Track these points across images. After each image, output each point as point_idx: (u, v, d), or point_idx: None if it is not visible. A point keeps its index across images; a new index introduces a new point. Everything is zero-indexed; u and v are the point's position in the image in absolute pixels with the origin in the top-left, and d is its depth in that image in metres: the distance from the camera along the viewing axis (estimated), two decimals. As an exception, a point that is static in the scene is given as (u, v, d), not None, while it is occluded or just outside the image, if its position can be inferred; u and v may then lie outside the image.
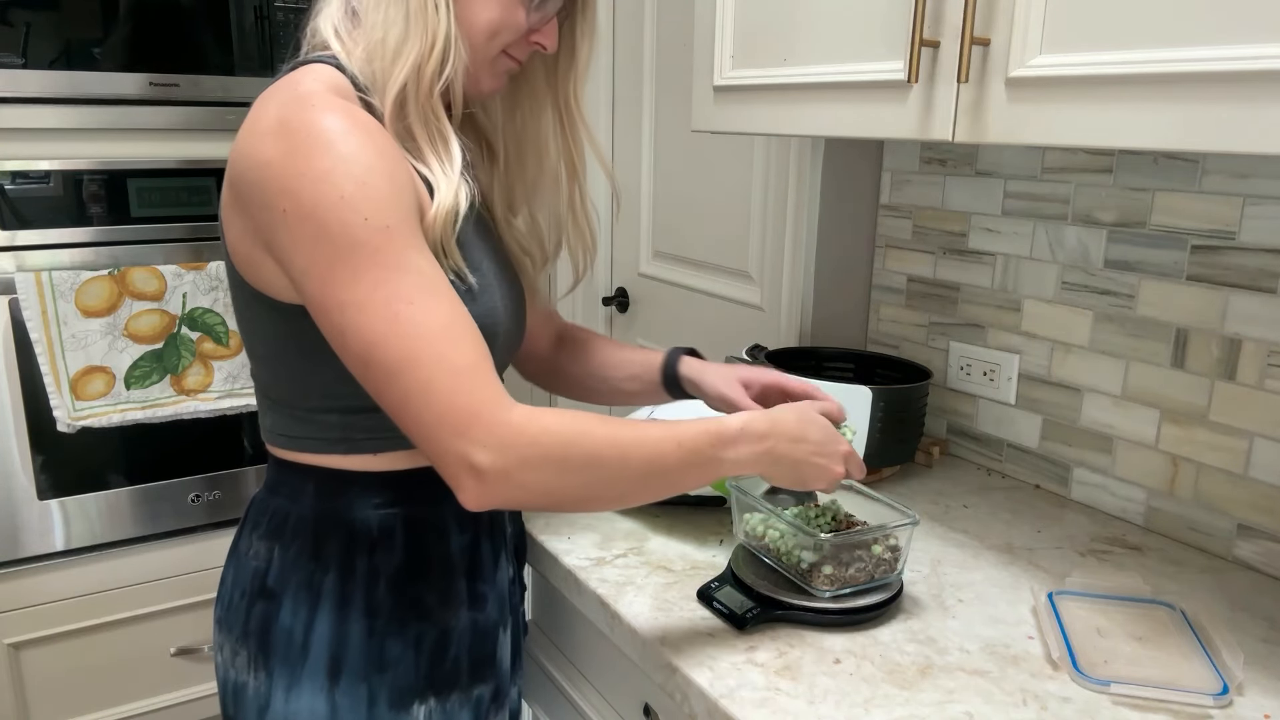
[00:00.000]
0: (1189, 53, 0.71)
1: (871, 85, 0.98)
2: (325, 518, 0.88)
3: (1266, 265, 1.02)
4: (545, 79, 0.96)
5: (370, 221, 0.73)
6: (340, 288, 0.73)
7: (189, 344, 1.72)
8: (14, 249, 1.61)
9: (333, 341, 0.76)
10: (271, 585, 0.88)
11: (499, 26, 0.85)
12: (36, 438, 1.65)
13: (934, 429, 1.43)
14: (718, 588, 0.95)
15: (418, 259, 0.75)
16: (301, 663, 0.86)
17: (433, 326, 0.74)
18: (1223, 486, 1.09)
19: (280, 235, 0.75)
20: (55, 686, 1.76)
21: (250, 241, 0.80)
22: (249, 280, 0.83)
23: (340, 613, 0.87)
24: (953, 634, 0.91)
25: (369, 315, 0.73)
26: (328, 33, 0.85)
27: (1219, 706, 0.80)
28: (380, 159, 0.75)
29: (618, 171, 2.05)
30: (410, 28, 0.80)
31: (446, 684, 0.91)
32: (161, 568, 1.80)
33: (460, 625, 0.92)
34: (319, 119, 0.74)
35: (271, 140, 0.75)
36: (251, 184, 0.76)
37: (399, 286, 0.73)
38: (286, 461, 0.90)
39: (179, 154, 1.72)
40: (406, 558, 0.89)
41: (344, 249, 0.72)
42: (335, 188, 0.72)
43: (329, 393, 0.85)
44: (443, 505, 0.91)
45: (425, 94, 0.81)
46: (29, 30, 1.56)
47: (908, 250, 1.45)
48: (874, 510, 0.98)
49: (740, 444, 0.82)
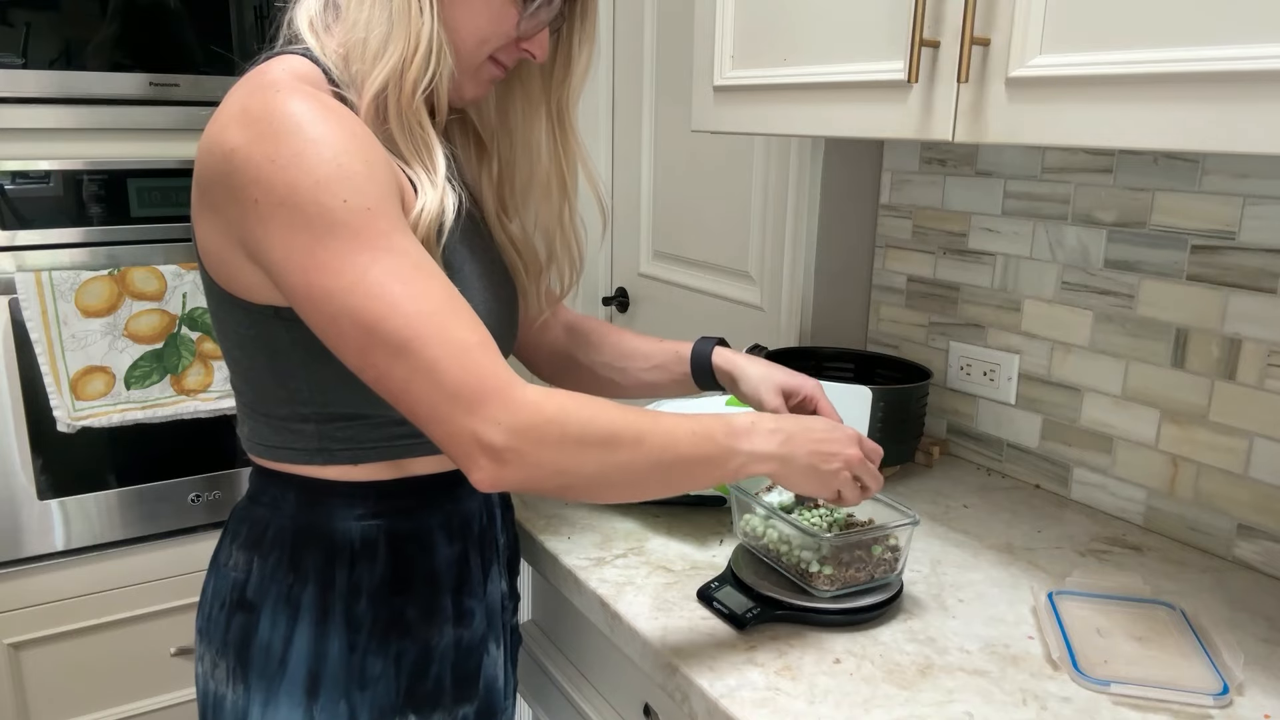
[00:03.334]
0: (1189, 53, 0.71)
1: (871, 85, 0.98)
2: (305, 528, 0.85)
3: (1266, 265, 1.02)
4: (541, 84, 0.93)
5: (350, 203, 0.69)
6: (327, 275, 0.69)
7: (189, 344, 1.72)
8: (14, 249, 1.61)
9: (325, 334, 0.72)
10: (250, 597, 0.85)
11: (488, 33, 0.82)
12: (36, 438, 1.65)
13: (934, 429, 1.43)
14: (718, 588, 0.95)
15: (403, 240, 0.72)
16: (280, 678, 0.84)
17: (434, 304, 0.70)
18: (1223, 486, 1.09)
19: (253, 227, 0.71)
20: (55, 686, 1.76)
21: (220, 240, 0.76)
22: (219, 283, 0.79)
23: (320, 628, 0.84)
24: (953, 634, 0.91)
25: (363, 297, 0.69)
26: (302, 24, 0.81)
27: (1219, 706, 0.80)
28: (353, 140, 0.72)
29: (618, 171, 2.05)
30: (393, 29, 0.76)
31: (428, 703, 0.88)
32: (161, 568, 1.80)
33: (444, 642, 0.89)
34: (285, 103, 0.70)
35: (235, 128, 0.71)
36: (216, 176, 0.72)
37: (390, 266, 0.70)
38: (267, 470, 0.88)
39: (179, 154, 1.72)
40: (389, 571, 0.86)
41: (324, 234, 0.69)
42: (308, 172, 0.69)
43: (302, 400, 0.82)
44: (428, 517, 0.88)
45: (407, 98, 0.77)
46: (29, 30, 1.56)
47: (908, 250, 1.45)
48: (874, 510, 0.98)
49: (754, 434, 0.80)
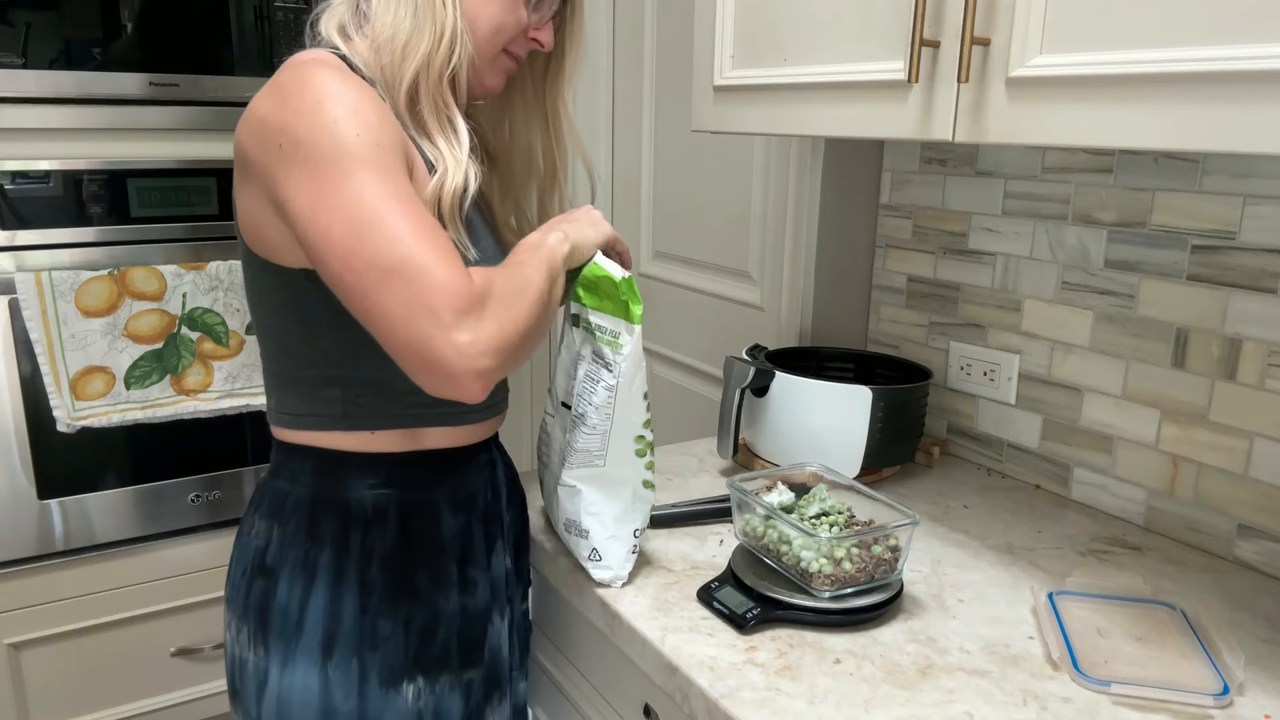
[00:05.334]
0: (1189, 53, 0.71)
1: (872, 85, 0.98)
2: (322, 497, 0.91)
3: (1266, 265, 1.02)
4: (533, 84, 1.03)
5: (361, 136, 0.76)
6: (331, 192, 0.75)
7: (189, 344, 1.72)
8: (14, 249, 1.60)
9: (316, 248, 0.76)
10: (270, 563, 0.91)
11: (501, 23, 0.91)
12: (36, 438, 1.65)
13: (934, 429, 1.43)
14: (718, 588, 0.95)
15: (404, 179, 0.78)
16: (296, 638, 0.89)
17: (421, 215, 0.76)
18: (1223, 486, 1.09)
19: (277, 171, 0.78)
20: (55, 686, 1.76)
21: (254, 205, 0.84)
22: (256, 250, 0.87)
23: (335, 589, 0.89)
24: (953, 634, 0.91)
25: (360, 209, 0.74)
26: (331, 30, 0.89)
27: (1219, 707, 0.80)
28: (370, 100, 0.80)
29: (618, 171, 2.05)
30: (419, 22, 0.85)
31: (436, 665, 0.94)
32: (161, 568, 1.80)
33: (450, 608, 0.94)
34: (312, 70, 0.79)
35: (267, 99, 0.80)
36: (252, 142, 0.80)
37: (390, 188, 0.76)
38: (288, 444, 0.94)
39: (179, 154, 1.72)
40: (399, 538, 0.92)
41: (337, 159, 0.75)
42: (327, 114, 0.76)
43: (331, 361, 0.88)
44: (435, 489, 0.94)
45: (435, 82, 0.87)
46: (29, 30, 1.56)
47: (908, 250, 1.45)
48: (874, 510, 0.98)
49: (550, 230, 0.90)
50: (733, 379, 1.24)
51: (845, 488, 1.01)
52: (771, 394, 1.23)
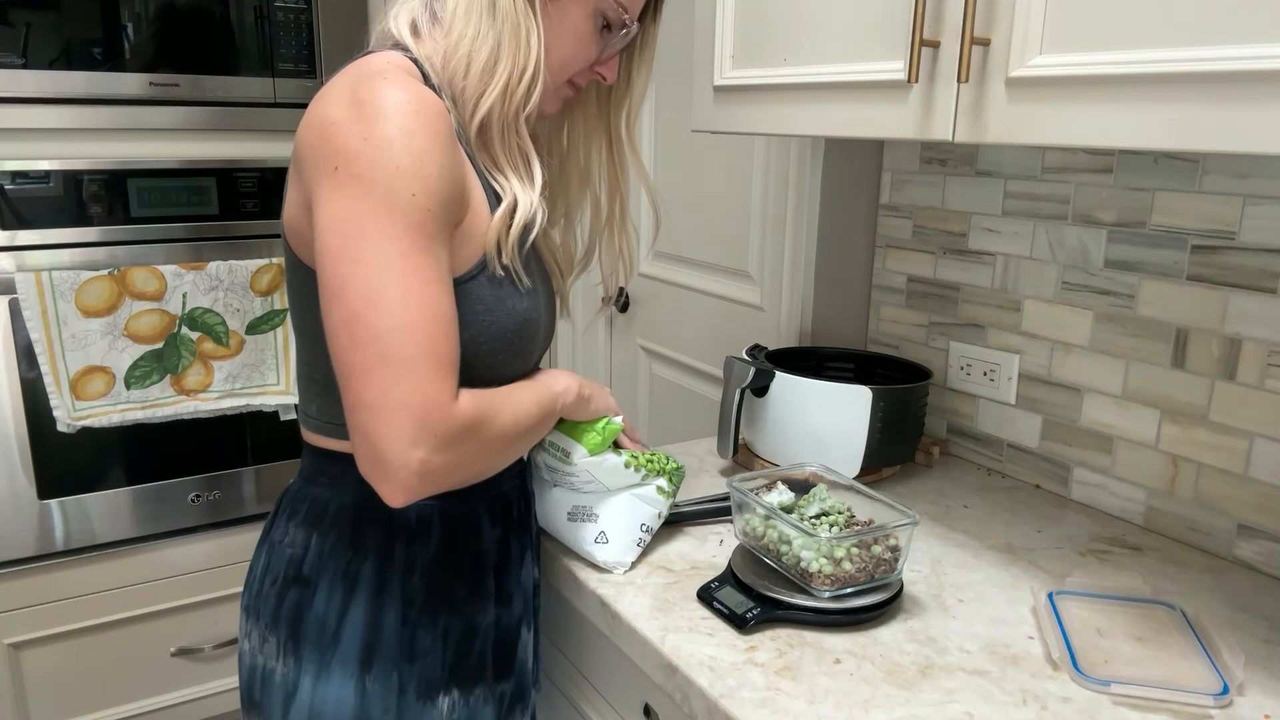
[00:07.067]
0: (1189, 53, 0.71)
1: (872, 85, 0.98)
2: (366, 506, 0.88)
3: (1266, 265, 1.02)
4: (598, 106, 1.01)
5: (416, 199, 0.75)
6: (365, 245, 0.74)
7: (189, 344, 1.72)
8: (14, 249, 1.61)
9: (327, 286, 0.75)
10: (307, 573, 0.89)
11: (572, 59, 0.90)
12: (36, 438, 1.65)
13: (934, 429, 1.43)
14: (718, 588, 0.95)
15: (441, 251, 0.78)
16: (333, 650, 0.87)
17: (440, 312, 0.76)
18: (1223, 486, 1.09)
19: (322, 186, 0.76)
20: (55, 686, 1.76)
21: (298, 210, 0.82)
22: (296, 250, 0.85)
23: (376, 600, 0.88)
24: (953, 634, 0.91)
25: (384, 276, 0.73)
26: (402, 27, 0.87)
27: (1219, 707, 0.80)
28: (436, 141, 0.77)
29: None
30: (502, 51, 0.83)
31: (471, 678, 0.93)
32: (161, 568, 1.81)
33: (487, 620, 0.94)
34: (386, 90, 0.76)
35: (340, 106, 0.77)
36: (311, 144, 0.78)
37: (421, 264, 0.75)
38: (327, 450, 0.91)
39: (179, 154, 1.72)
40: (441, 549, 0.91)
41: (384, 212, 0.74)
42: (393, 158, 0.74)
43: None
44: (475, 500, 0.94)
45: (511, 116, 0.85)
46: (29, 30, 1.56)
47: (908, 250, 1.45)
48: (874, 510, 0.98)
49: (568, 395, 0.94)
50: (733, 379, 1.24)
51: (845, 488, 1.01)
52: (771, 394, 1.23)
